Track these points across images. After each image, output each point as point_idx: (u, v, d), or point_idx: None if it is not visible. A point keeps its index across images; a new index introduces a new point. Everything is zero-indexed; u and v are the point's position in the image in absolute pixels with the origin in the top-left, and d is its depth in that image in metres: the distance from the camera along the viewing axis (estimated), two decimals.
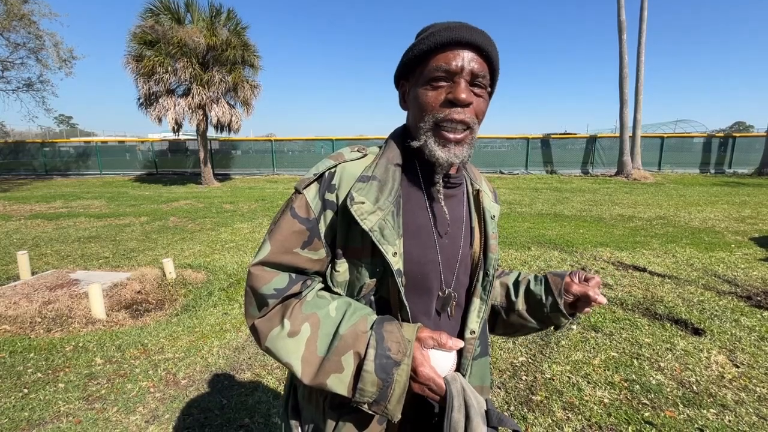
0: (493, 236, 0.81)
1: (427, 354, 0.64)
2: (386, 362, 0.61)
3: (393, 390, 0.61)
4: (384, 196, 0.70)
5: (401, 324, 0.67)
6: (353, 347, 0.63)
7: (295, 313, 0.68)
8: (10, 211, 8.92)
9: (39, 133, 26.50)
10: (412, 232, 0.73)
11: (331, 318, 0.67)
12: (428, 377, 0.63)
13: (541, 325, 0.90)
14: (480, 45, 0.67)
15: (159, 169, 17.78)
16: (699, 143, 16.51)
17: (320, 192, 0.73)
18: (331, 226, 0.72)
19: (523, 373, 2.48)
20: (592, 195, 10.63)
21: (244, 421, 2.11)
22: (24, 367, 2.60)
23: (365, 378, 0.61)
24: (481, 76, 0.68)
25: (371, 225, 0.67)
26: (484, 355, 0.86)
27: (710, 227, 6.57)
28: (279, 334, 0.67)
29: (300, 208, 0.72)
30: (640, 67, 14.01)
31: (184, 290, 3.96)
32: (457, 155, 0.70)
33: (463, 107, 0.68)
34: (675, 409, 2.12)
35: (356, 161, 0.75)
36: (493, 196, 0.90)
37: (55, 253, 5.36)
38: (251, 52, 13.29)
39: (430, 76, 0.68)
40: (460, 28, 0.67)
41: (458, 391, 0.61)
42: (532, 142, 16.60)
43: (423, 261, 0.73)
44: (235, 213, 8.40)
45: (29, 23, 13.52)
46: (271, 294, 0.69)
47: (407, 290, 0.71)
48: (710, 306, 3.37)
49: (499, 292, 0.94)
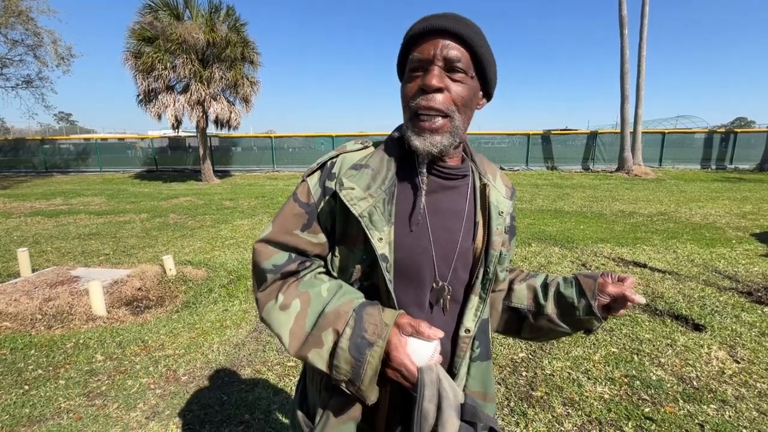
0: (497, 233, 0.78)
1: (404, 340, 0.64)
2: (360, 342, 0.63)
3: (365, 371, 0.63)
4: (376, 184, 0.72)
5: (384, 309, 0.68)
6: (333, 324, 0.66)
7: (290, 289, 0.73)
8: (10, 208, 8.92)
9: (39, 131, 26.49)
10: (404, 221, 0.74)
11: (322, 297, 0.71)
12: (401, 363, 0.63)
13: (572, 329, 0.86)
14: (452, 30, 0.67)
15: (159, 166, 17.76)
16: (700, 139, 16.46)
17: (321, 180, 0.77)
18: (331, 212, 0.75)
19: (523, 369, 2.48)
20: (592, 191, 10.60)
21: (244, 417, 2.11)
22: (25, 364, 2.60)
23: (339, 355, 0.64)
24: (457, 61, 0.67)
25: (361, 210, 0.69)
26: (485, 358, 0.83)
27: (711, 223, 6.56)
28: (273, 306, 0.73)
29: (302, 193, 0.77)
30: (642, 63, 13.94)
31: (185, 287, 3.96)
32: (434, 144, 0.69)
33: (432, 93, 0.67)
34: (675, 405, 2.12)
35: (356, 152, 0.79)
36: (508, 192, 0.86)
37: (55, 250, 5.36)
38: (251, 48, 13.23)
39: (409, 68, 0.71)
40: (432, 18, 0.68)
41: (432, 381, 0.60)
42: (533, 138, 16.56)
43: (416, 250, 0.73)
44: (235, 210, 8.40)
45: (27, 20, 13.45)
46: (270, 269, 0.74)
47: (399, 279, 0.73)
48: (711, 302, 3.37)
49: (526, 294, 0.90)
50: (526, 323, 0.91)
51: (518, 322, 0.92)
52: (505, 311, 0.93)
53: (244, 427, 2.04)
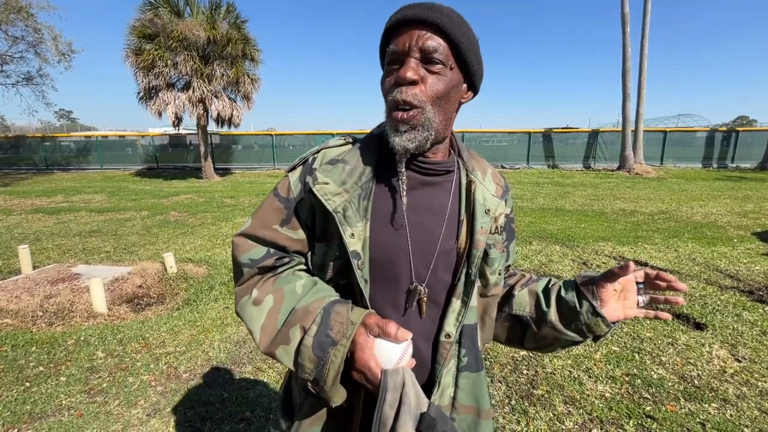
0: (482, 231, 0.73)
1: (371, 341, 0.62)
2: (324, 340, 0.62)
3: (328, 370, 0.61)
4: (352, 179, 0.70)
5: (353, 308, 0.66)
6: (301, 322, 0.65)
7: (266, 285, 0.72)
8: (11, 205, 8.92)
9: (39, 128, 26.48)
10: (380, 218, 0.71)
11: (296, 294, 0.69)
12: (365, 364, 0.61)
13: (578, 335, 0.78)
14: (428, 19, 0.63)
15: (160, 163, 17.75)
16: (702, 137, 16.42)
17: (302, 175, 0.75)
18: (311, 208, 0.73)
19: (524, 367, 2.48)
20: (593, 189, 10.59)
21: (245, 415, 2.11)
22: (26, 361, 2.60)
23: (303, 352, 0.63)
24: (434, 52, 0.64)
25: (335, 206, 0.68)
26: (474, 369, 0.77)
27: (712, 222, 6.55)
28: (247, 301, 0.72)
29: (282, 188, 0.76)
30: (643, 61, 13.90)
31: (185, 284, 3.96)
32: (410, 140, 0.66)
33: (405, 86, 0.64)
34: (676, 404, 2.12)
35: (337, 147, 0.77)
36: (500, 190, 0.80)
37: (56, 248, 5.36)
38: (251, 45, 13.19)
39: (387, 61, 0.68)
40: (407, 8, 0.65)
41: (396, 385, 0.57)
42: (534, 137, 16.52)
43: (391, 248, 0.70)
44: (236, 207, 8.40)
45: (27, 16, 13.43)
46: (246, 263, 0.74)
47: (375, 279, 0.71)
48: (712, 301, 3.36)
49: (528, 301, 0.84)
50: (529, 332, 0.84)
51: (521, 331, 0.85)
52: (506, 319, 0.86)
53: (245, 425, 2.05)
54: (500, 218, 0.78)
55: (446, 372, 0.74)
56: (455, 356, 0.75)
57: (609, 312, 0.75)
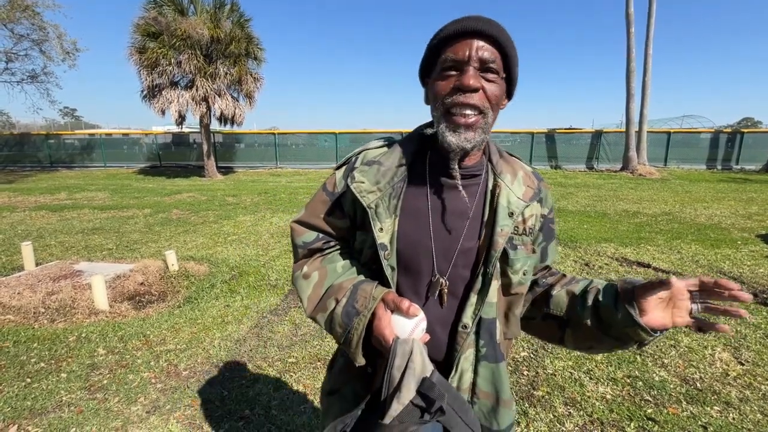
0: (502, 234, 0.76)
1: (388, 315, 0.72)
2: (350, 310, 0.74)
3: (352, 335, 0.73)
4: (386, 179, 0.79)
5: (377, 286, 0.76)
6: (336, 295, 0.78)
7: (314, 263, 0.87)
8: (15, 202, 8.97)
9: (44, 125, 26.59)
10: (408, 215, 0.79)
11: (336, 273, 0.83)
12: (380, 332, 0.71)
13: (619, 343, 0.77)
14: (486, 32, 0.70)
15: (162, 161, 17.80)
16: (706, 139, 16.32)
17: (345, 173, 0.85)
18: (354, 202, 0.82)
19: (525, 368, 2.47)
20: (596, 190, 10.54)
21: (244, 413, 2.11)
22: (27, 357, 2.61)
23: (334, 320, 0.77)
24: (491, 62, 0.70)
25: (369, 202, 0.77)
26: (493, 360, 0.81)
27: (716, 224, 6.50)
28: (299, 275, 0.87)
29: (330, 184, 0.88)
30: (648, 61, 13.82)
31: (187, 282, 3.97)
32: (468, 140, 0.72)
33: (470, 93, 0.70)
34: (678, 406, 2.10)
35: (376, 149, 0.86)
36: (530, 192, 0.82)
37: (59, 245, 5.39)
38: (255, 44, 13.20)
39: (442, 67, 0.73)
40: (466, 20, 0.71)
41: (405, 352, 0.65)
42: (537, 137, 16.48)
43: (416, 244, 0.79)
44: (238, 206, 8.41)
45: (33, 14, 13.48)
46: (300, 245, 0.89)
47: (401, 268, 0.79)
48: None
49: (565, 301, 0.85)
50: (567, 332, 0.85)
51: (559, 330, 0.87)
52: (544, 318, 0.88)
53: (244, 423, 2.05)
54: (530, 219, 0.82)
55: (464, 359, 0.80)
56: (473, 346, 0.80)
57: (653, 319, 0.71)
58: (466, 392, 0.81)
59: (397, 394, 0.62)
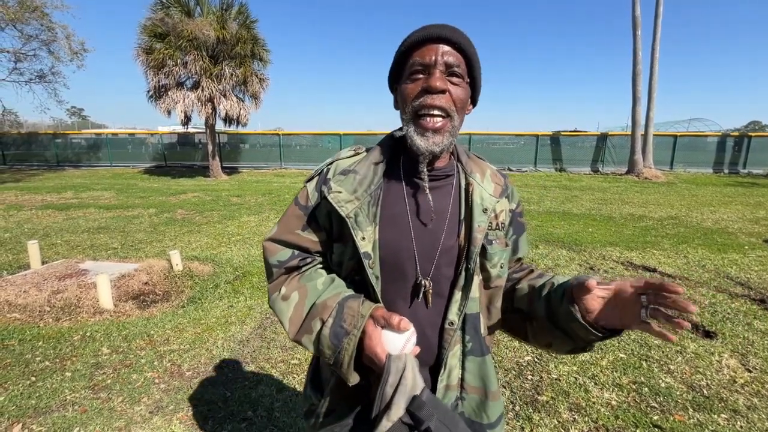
0: (479, 229, 0.79)
1: (378, 331, 0.71)
2: (339, 330, 0.72)
3: (343, 356, 0.71)
4: (362, 187, 0.79)
5: (364, 302, 0.75)
6: (320, 314, 0.75)
7: (292, 283, 0.83)
8: (21, 201, 9.05)
9: (51, 125, 26.84)
10: (387, 221, 0.80)
11: (317, 290, 0.80)
12: (372, 351, 0.69)
13: (571, 340, 0.76)
14: (450, 38, 0.73)
15: (168, 161, 17.90)
16: (713, 142, 16.17)
17: (317, 185, 0.84)
18: (328, 213, 0.82)
19: (529, 373, 2.45)
20: (602, 193, 10.48)
21: (247, 414, 2.11)
22: (32, 355, 2.63)
23: (322, 341, 0.73)
24: (456, 66, 0.74)
25: (347, 212, 0.77)
26: (479, 354, 0.83)
27: (723, 228, 6.44)
28: (277, 297, 0.83)
29: (302, 197, 0.86)
30: (654, 64, 13.73)
31: (191, 282, 3.98)
32: (436, 143, 0.74)
33: (436, 94, 0.73)
34: (685, 413, 2.08)
35: (348, 158, 0.86)
36: (498, 189, 0.86)
37: (65, 243, 5.43)
38: (260, 45, 13.26)
39: (410, 71, 0.76)
40: (432, 27, 0.74)
41: (397, 369, 0.65)
42: (542, 140, 16.40)
43: (397, 248, 0.79)
44: (242, 206, 8.43)
45: (42, 15, 13.60)
46: (275, 264, 0.85)
47: (385, 275, 0.79)
48: (722, 308, 3.30)
49: (526, 295, 0.86)
50: (529, 327, 0.86)
51: (523, 324, 0.87)
52: (512, 312, 0.89)
53: (247, 424, 2.04)
54: (501, 215, 0.85)
55: (451, 355, 0.81)
56: (460, 342, 0.82)
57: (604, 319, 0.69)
58: (454, 389, 0.82)
59: (387, 412, 0.62)
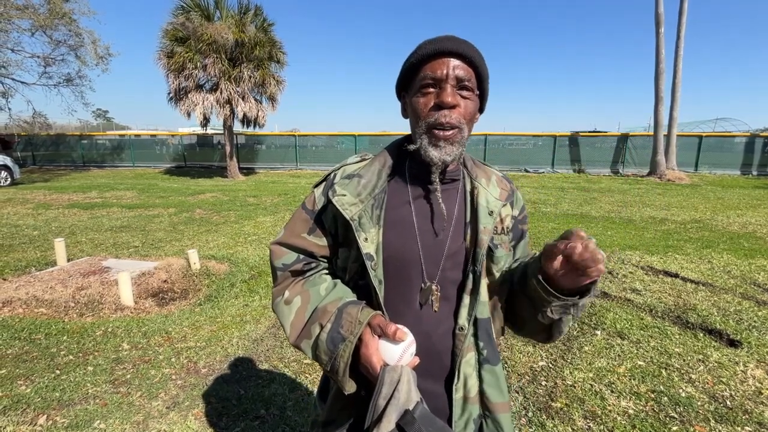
0: (485, 231, 0.79)
1: (375, 340, 0.70)
2: (336, 336, 0.72)
3: (339, 362, 0.71)
4: (366, 191, 0.80)
5: (363, 309, 0.74)
6: (320, 320, 0.76)
7: (296, 287, 0.84)
8: (50, 200, 9.41)
9: (78, 126, 27.82)
10: (392, 224, 0.80)
11: (319, 296, 0.80)
12: (367, 359, 0.69)
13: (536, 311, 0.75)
14: (462, 53, 0.74)
15: (187, 162, 18.33)
16: (741, 143, 15.56)
17: (324, 190, 0.86)
18: (334, 217, 0.83)
19: (543, 378, 2.41)
20: (621, 196, 10.21)
21: (260, 413, 2.14)
22: (57, 349, 2.73)
23: (319, 346, 0.74)
24: (466, 80, 0.75)
25: (351, 214, 0.77)
26: (495, 362, 0.82)
27: (751, 233, 6.19)
28: (280, 301, 0.84)
29: (309, 202, 0.88)
30: (678, 62, 13.33)
31: (208, 281, 4.06)
32: (448, 154, 0.76)
33: (449, 109, 0.74)
34: (706, 425, 2.01)
35: (354, 164, 0.88)
36: (504, 193, 0.86)
37: (89, 241, 5.62)
38: (278, 48, 13.45)
39: (421, 84, 0.77)
40: (443, 40, 0.75)
41: (392, 380, 0.63)
42: (560, 140, 16.10)
43: (402, 251, 0.79)
44: (259, 206, 8.57)
45: (70, 21, 14.12)
46: (280, 267, 0.86)
47: (389, 278, 0.79)
48: (748, 316, 3.17)
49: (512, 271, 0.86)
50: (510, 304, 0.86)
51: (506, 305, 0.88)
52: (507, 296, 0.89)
53: (260, 423, 2.07)
54: (506, 219, 0.86)
55: (465, 363, 0.80)
56: (474, 349, 0.81)
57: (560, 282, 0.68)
58: (473, 401, 0.79)
59: (378, 424, 0.61)
